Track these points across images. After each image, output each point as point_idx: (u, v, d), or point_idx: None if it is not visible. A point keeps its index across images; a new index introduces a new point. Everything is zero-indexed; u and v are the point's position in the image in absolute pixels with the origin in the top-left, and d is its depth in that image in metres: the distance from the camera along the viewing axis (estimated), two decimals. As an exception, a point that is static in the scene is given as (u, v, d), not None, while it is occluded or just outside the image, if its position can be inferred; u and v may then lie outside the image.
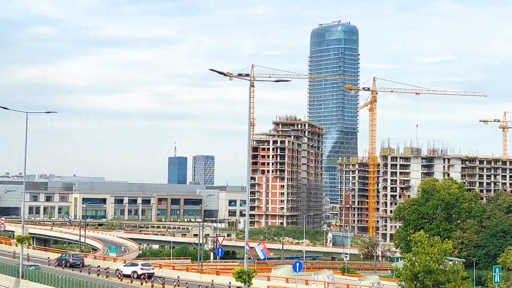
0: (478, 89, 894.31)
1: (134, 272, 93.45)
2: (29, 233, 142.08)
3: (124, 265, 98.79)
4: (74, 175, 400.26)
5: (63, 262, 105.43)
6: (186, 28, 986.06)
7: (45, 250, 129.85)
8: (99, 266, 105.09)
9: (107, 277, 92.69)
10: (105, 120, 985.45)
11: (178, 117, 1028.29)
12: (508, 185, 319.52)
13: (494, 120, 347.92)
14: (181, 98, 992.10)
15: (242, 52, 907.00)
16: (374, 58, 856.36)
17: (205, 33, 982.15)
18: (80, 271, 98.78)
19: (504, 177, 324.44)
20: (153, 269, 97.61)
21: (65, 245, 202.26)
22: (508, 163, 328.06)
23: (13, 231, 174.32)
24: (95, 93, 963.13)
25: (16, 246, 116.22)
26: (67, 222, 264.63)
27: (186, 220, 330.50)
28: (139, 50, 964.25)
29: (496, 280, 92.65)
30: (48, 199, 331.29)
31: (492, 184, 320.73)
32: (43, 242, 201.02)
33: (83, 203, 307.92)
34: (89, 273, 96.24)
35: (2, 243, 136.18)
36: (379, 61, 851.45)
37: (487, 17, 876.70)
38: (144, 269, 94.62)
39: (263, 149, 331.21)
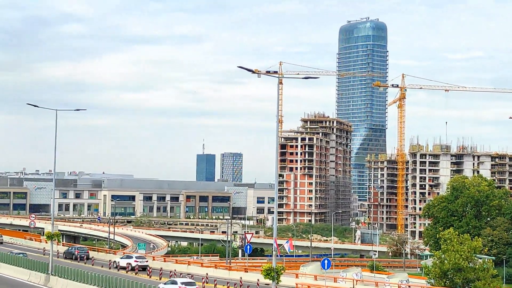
0: (509, 85, 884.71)
1: (128, 264, 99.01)
2: (59, 230, 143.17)
3: (121, 258, 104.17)
4: (103, 173, 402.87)
5: (70, 254, 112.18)
6: (214, 25, 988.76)
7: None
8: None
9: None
10: (134, 117, 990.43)
11: (206, 114, 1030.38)
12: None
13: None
14: (209, 96, 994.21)
15: (271, 50, 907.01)
16: (403, 54, 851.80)
17: (233, 30, 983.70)
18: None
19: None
20: (147, 261, 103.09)
21: (94, 242, 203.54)
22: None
23: (43, 228, 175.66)
24: (124, 90, 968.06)
25: (46, 243, 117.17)
26: (96, 219, 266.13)
27: (214, 217, 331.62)
28: (167, 47, 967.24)
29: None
30: (77, 196, 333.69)
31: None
32: (73, 239, 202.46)
33: (112, 200, 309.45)
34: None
35: (33, 240, 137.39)
36: (408, 57, 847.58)
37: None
38: (137, 261, 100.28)
39: (291, 146, 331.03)
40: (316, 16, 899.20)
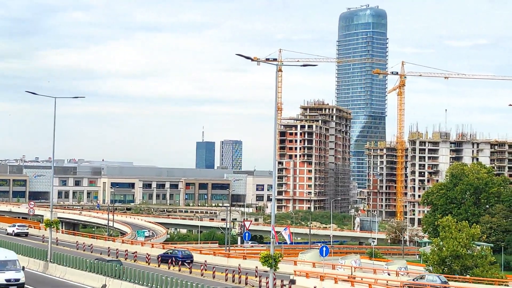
0: (511, 73, 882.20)
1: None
2: (58, 218, 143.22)
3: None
4: (103, 160, 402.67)
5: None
6: (218, 13, 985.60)
7: (73, 234, 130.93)
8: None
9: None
10: (134, 105, 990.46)
11: (206, 101, 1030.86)
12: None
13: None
14: (210, 83, 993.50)
15: (273, 37, 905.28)
16: (403, 42, 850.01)
17: (237, 18, 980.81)
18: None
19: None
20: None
21: (93, 229, 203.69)
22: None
23: (42, 216, 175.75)
24: (126, 78, 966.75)
25: (45, 230, 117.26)
26: (96, 207, 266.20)
27: (213, 204, 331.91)
28: (171, 35, 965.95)
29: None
30: (77, 183, 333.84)
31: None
32: (72, 226, 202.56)
33: (111, 187, 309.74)
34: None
35: (32, 227, 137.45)
36: (409, 45, 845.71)
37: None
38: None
39: (291, 133, 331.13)
40: (316, 3, 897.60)
